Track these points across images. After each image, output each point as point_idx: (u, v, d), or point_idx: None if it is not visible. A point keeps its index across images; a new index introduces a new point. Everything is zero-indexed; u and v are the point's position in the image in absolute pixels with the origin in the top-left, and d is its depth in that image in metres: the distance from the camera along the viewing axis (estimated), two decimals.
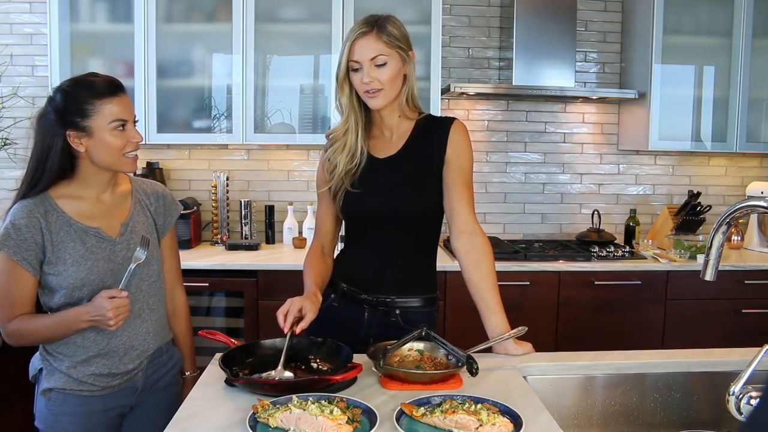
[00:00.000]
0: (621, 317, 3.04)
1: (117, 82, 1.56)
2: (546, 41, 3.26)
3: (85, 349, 1.56)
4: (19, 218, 1.50)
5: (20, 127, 3.30)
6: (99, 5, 3.15)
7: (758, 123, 3.40)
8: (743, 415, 1.21)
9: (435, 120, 1.75)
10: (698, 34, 3.37)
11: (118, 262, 1.57)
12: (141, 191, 1.71)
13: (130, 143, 1.55)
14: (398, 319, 1.71)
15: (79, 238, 1.54)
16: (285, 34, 3.25)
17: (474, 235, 1.67)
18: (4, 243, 1.49)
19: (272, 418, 1.18)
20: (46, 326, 1.53)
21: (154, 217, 1.70)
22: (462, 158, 1.69)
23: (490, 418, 1.17)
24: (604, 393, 1.56)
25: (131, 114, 1.57)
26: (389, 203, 1.69)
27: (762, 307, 3.05)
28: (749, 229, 3.48)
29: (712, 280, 1.26)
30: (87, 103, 1.50)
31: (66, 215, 1.54)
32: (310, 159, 3.53)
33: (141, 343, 1.62)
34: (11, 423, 2.69)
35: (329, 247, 1.83)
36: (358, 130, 1.70)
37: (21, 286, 1.52)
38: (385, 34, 1.60)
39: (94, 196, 1.60)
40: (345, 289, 1.76)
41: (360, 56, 1.61)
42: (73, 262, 1.53)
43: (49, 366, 1.59)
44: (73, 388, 1.56)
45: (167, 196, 1.76)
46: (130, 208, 1.65)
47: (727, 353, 1.64)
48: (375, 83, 1.61)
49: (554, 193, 3.66)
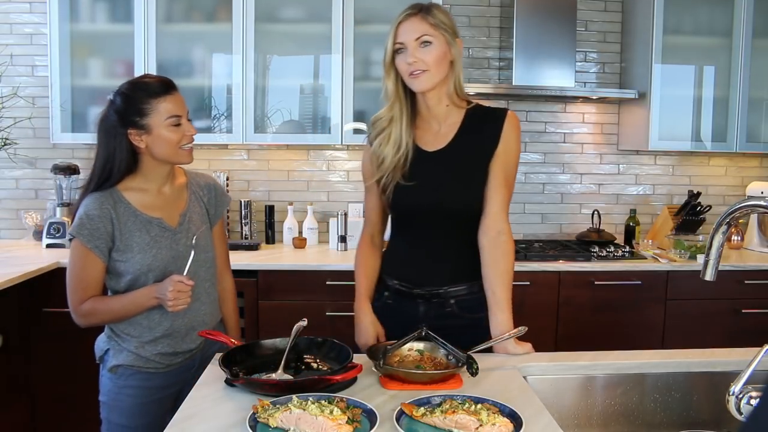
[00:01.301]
0: (621, 317, 3.04)
1: (169, 82, 1.70)
2: (546, 41, 3.26)
3: (151, 330, 1.71)
4: (92, 209, 1.66)
5: (20, 127, 3.31)
6: (99, 5, 3.15)
7: (758, 123, 3.40)
8: (743, 415, 1.21)
9: (487, 111, 1.72)
10: (698, 34, 3.36)
11: (179, 250, 1.72)
12: (195, 184, 1.85)
13: (185, 136, 1.70)
14: (454, 308, 1.71)
15: (144, 227, 1.70)
16: (285, 34, 3.25)
17: (500, 234, 1.67)
18: (79, 232, 1.65)
19: (272, 418, 1.18)
20: (121, 304, 1.68)
21: (207, 208, 1.85)
22: (509, 154, 1.68)
23: (490, 418, 1.17)
24: (604, 393, 1.56)
25: (184, 110, 1.71)
26: (438, 199, 1.67)
27: (762, 307, 3.05)
28: (749, 229, 3.48)
29: (712, 280, 1.26)
30: (144, 103, 1.64)
31: (132, 207, 1.70)
32: (310, 159, 3.53)
33: (200, 323, 1.77)
34: (11, 423, 2.69)
35: (378, 237, 1.86)
36: (403, 119, 1.68)
37: (92, 271, 1.67)
38: (430, 16, 1.61)
39: (156, 189, 1.75)
40: (397, 285, 1.76)
41: (405, 37, 1.61)
42: (139, 249, 1.68)
43: (116, 346, 1.75)
44: (140, 365, 1.72)
45: (218, 188, 1.90)
46: (186, 200, 1.80)
47: (727, 353, 1.64)
48: (419, 63, 1.60)
49: (554, 193, 3.66)
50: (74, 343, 2.84)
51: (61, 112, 3.12)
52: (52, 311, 2.82)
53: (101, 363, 1.81)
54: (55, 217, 3.22)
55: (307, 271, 2.90)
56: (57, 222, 3.18)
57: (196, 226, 1.77)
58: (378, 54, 3.24)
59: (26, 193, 3.47)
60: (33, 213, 3.36)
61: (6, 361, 2.61)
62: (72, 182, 3.26)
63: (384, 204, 1.78)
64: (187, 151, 1.72)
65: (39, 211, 3.37)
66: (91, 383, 2.87)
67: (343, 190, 3.56)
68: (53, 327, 2.83)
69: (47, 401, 2.86)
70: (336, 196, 3.55)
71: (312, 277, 2.91)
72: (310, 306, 2.83)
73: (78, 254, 1.67)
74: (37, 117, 3.35)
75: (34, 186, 3.48)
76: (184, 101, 1.72)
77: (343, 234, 3.29)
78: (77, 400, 2.87)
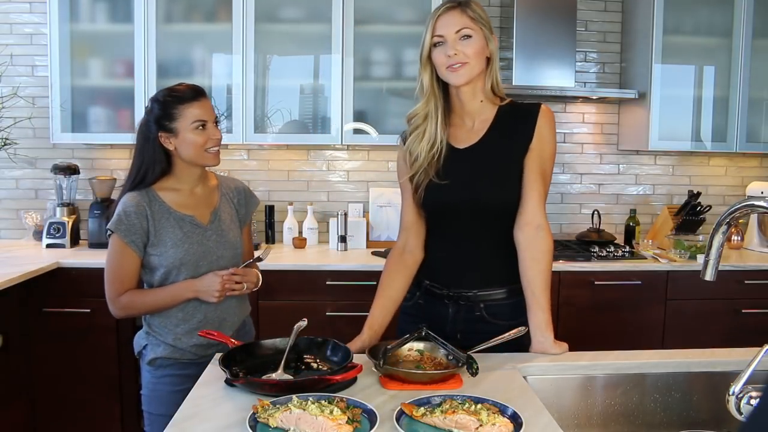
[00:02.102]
0: (621, 317, 3.04)
1: (198, 89, 1.83)
2: (546, 41, 3.26)
3: (186, 321, 1.83)
4: (129, 206, 1.78)
5: (20, 127, 3.31)
6: (99, 5, 3.15)
7: (758, 123, 3.40)
8: (743, 415, 1.21)
9: (520, 106, 1.69)
10: (698, 34, 3.36)
11: (209, 246, 1.84)
12: (226, 186, 1.98)
13: (210, 140, 1.82)
14: (483, 313, 1.68)
15: (177, 224, 1.81)
16: (285, 34, 3.25)
17: (539, 229, 1.63)
18: (117, 227, 1.77)
19: (272, 418, 1.18)
20: (157, 296, 1.80)
21: (237, 208, 1.97)
22: (544, 148, 1.65)
23: (490, 418, 1.17)
24: (604, 393, 1.56)
25: (211, 115, 1.83)
26: (471, 196, 1.64)
27: (762, 307, 3.05)
28: (749, 229, 3.48)
29: (712, 280, 1.25)
30: (173, 108, 1.78)
31: (166, 205, 1.82)
32: (310, 159, 3.54)
33: (231, 315, 1.89)
34: (11, 423, 2.69)
35: (414, 241, 1.76)
36: (438, 115, 1.66)
37: (129, 265, 1.80)
38: (470, 9, 1.60)
39: (189, 189, 1.87)
40: (428, 285, 1.74)
41: (444, 30, 1.59)
42: (172, 244, 1.79)
43: (154, 341, 1.85)
44: (177, 357, 1.83)
45: (247, 191, 2.03)
46: (217, 200, 1.93)
47: (727, 353, 1.64)
48: (460, 56, 1.58)
49: (554, 193, 3.65)
50: (74, 343, 2.85)
51: (61, 112, 3.13)
52: (52, 311, 2.82)
53: (140, 358, 1.91)
54: (55, 217, 3.22)
55: (307, 271, 2.91)
56: (57, 222, 3.18)
57: (225, 225, 1.89)
58: (378, 54, 3.24)
59: (26, 193, 3.48)
60: (33, 213, 3.36)
61: (6, 361, 2.61)
62: (72, 182, 3.27)
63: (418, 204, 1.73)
64: (212, 154, 1.83)
65: (39, 211, 3.38)
66: (91, 383, 2.88)
67: (343, 190, 3.56)
68: (53, 327, 2.83)
69: (47, 401, 2.86)
70: (336, 196, 3.55)
71: (312, 277, 2.91)
72: (310, 306, 2.83)
73: (115, 249, 1.79)
74: (37, 117, 3.35)
75: (34, 186, 3.48)
76: (213, 108, 1.86)
77: (343, 234, 3.29)
78: (77, 400, 2.88)
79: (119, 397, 2.87)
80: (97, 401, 2.89)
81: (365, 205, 3.51)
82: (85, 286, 2.84)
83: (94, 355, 2.87)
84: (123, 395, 2.86)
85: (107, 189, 3.26)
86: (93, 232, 3.17)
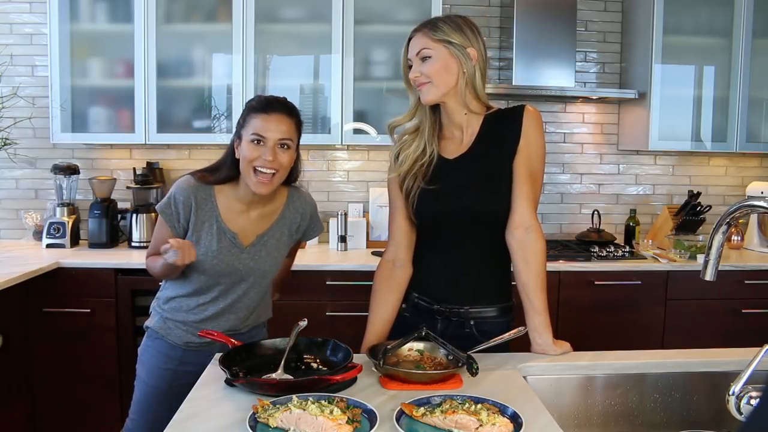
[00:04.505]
0: (621, 317, 3.04)
1: (272, 102, 1.74)
2: (546, 41, 3.26)
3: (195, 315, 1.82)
4: (179, 194, 1.77)
5: (20, 127, 3.31)
6: (99, 5, 3.15)
7: (758, 123, 3.40)
8: (743, 415, 1.21)
9: (504, 112, 1.70)
10: (698, 34, 3.36)
11: (238, 268, 1.79)
12: (292, 208, 1.87)
13: (260, 159, 1.68)
14: (473, 330, 1.67)
15: (216, 234, 1.77)
16: (285, 34, 3.25)
17: (529, 231, 1.62)
18: (163, 210, 1.78)
19: (272, 418, 1.18)
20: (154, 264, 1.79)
21: (293, 233, 1.89)
22: (532, 148, 1.65)
23: (490, 418, 1.17)
24: (604, 393, 1.56)
25: (275, 135, 1.69)
26: (463, 204, 1.64)
27: (762, 307, 3.05)
28: (749, 229, 3.48)
29: (712, 280, 1.26)
30: (245, 116, 1.74)
31: (217, 210, 1.78)
32: (310, 159, 3.53)
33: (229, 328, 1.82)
34: (11, 423, 2.69)
35: (405, 255, 1.75)
36: (427, 128, 1.70)
37: (165, 239, 1.73)
38: (432, 30, 1.63)
39: (245, 206, 1.80)
40: (416, 299, 1.73)
41: (411, 53, 1.67)
42: (204, 251, 1.76)
43: (155, 311, 1.89)
44: (163, 334, 1.83)
45: (314, 218, 1.93)
46: (270, 225, 1.83)
47: (727, 353, 1.64)
48: (421, 77, 1.63)
49: (554, 193, 3.66)
50: (74, 344, 2.85)
51: (61, 112, 3.12)
52: (52, 311, 2.82)
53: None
54: (55, 217, 3.22)
55: (307, 271, 2.90)
56: (57, 222, 3.18)
57: (267, 251, 1.82)
58: (378, 54, 3.24)
59: (26, 193, 3.47)
60: (33, 213, 3.36)
61: (6, 361, 2.61)
62: (72, 182, 3.27)
63: (409, 214, 1.72)
64: (259, 178, 1.69)
65: (39, 211, 3.38)
66: (91, 383, 2.88)
67: (344, 190, 3.56)
68: (53, 327, 2.83)
69: (47, 401, 2.86)
70: (336, 196, 3.55)
71: (312, 277, 2.91)
72: (310, 306, 2.83)
73: (159, 222, 1.81)
74: (37, 117, 3.35)
75: (34, 186, 3.48)
76: (285, 129, 1.71)
77: (343, 234, 3.29)
78: (77, 400, 2.88)
79: (119, 397, 2.87)
80: (97, 401, 2.89)
81: (365, 205, 3.51)
82: (85, 286, 2.84)
83: (94, 355, 2.86)
84: (123, 395, 2.86)
85: (107, 189, 3.26)
86: (93, 232, 3.17)
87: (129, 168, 3.41)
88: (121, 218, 3.32)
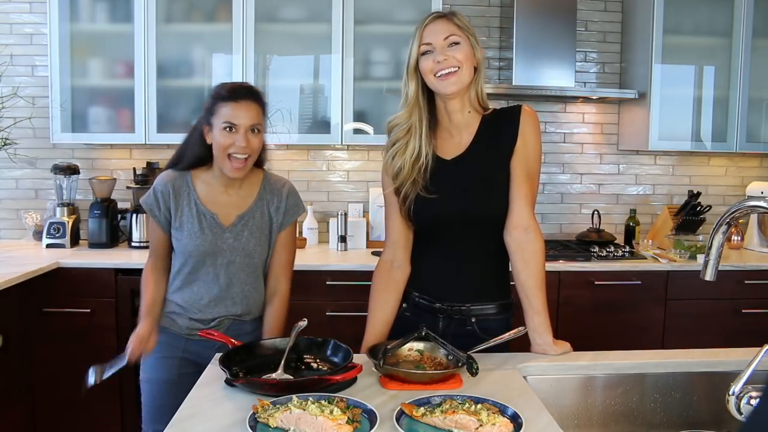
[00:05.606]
0: (621, 317, 3.04)
1: (240, 90, 1.79)
2: (546, 41, 3.26)
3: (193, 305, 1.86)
4: (158, 185, 1.85)
5: (20, 127, 3.31)
6: (99, 5, 3.15)
7: (758, 123, 3.40)
8: (743, 415, 1.21)
9: (501, 112, 1.68)
10: (698, 34, 3.36)
11: (222, 247, 1.83)
12: (269, 190, 1.91)
13: (234, 146, 1.75)
14: (474, 327, 1.67)
15: (196, 217, 1.83)
16: (285, 34, 3.25)
17: (527, 231, 1.61)
18: (146, 202, 1.86)
19: (272, 418, 1.18)
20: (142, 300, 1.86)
21: (272, 215, 1.90)
22: (529, 148, 1.63)
23: (490, 418, 1.17)
24: (604, 393, 1.56)
25: (245, 121, 1.75)
26: (461, 206, 1.63)
27: (762, 307, 3.05)
28: (749, 229, 3.48)
29: (712, 280, 1.25)
30: (213, 104, 1.78)
31: (195, 194, 1.84)
32: (310, 159, 3.54)
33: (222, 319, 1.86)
34: (11, 423, 2.68)
35: (403, 256, 1.74)
36: (422, 128, 1.64)
37: (156, 238, 1.89)
38: (456, 18, 1.61)
39: (222, 187, 1.86)
40: (417, 298, 1.72)
41: (432, 38, 1.59)
42: (188, 234, 1.82)
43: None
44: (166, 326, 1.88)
45: (290, 199, 1.93)
46: (250, 204, 1.88)
47: (727, 353, 1.64)
48: (450, 60, 1.57)
49: (554, 193, 3.66)
50: (74, 344, 2.85)
51: (61, 112, 3.12)
52: (52, 311, 2.82)
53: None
54: (55, 217, 3.22)
55: (307, 271, 2.90)
56: (57, 222, 3.18)
57: (249, 231, 1.85)
58: (378, 54, 3.24)
59: (26, 193, 3.47)
60: (33, 213, 3.36)
61: (6, 361, 2.61)
62: (72, 182, 3.27)
63: (405, 216, 1.70)
64: (233, 164, 1.76)
65: (39, 211, 3.38)
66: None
67: (343, 190, 3.56)
68: (53, 327, 2.83)
69: (47, 401, 2.86)
70: (336, 196, 3.55)
71: (312, 277, 2.91)
72: (310, 306, 2.82)
73: (149, 219, 1.89)
74: (37, 117, 3.35)
75: (34, 186, 3.48)
76: (253, 115, 1.77)
77: (343, 234, 3.29)
78: (77, 400, 2.87)
79: (119, 397, 2.87)
80: (97, 401, 2.88)
81: (365, 205, 3.51)
82: (85, 286, 2.84)
83: (94, 355, 2.84)
84: (123, 395, 2.86)
85: (107, 189, 3.26)
86: (93, 232, 3.17)
87: (129, 168, 3.41)
88: (121, 218, 3.32)
